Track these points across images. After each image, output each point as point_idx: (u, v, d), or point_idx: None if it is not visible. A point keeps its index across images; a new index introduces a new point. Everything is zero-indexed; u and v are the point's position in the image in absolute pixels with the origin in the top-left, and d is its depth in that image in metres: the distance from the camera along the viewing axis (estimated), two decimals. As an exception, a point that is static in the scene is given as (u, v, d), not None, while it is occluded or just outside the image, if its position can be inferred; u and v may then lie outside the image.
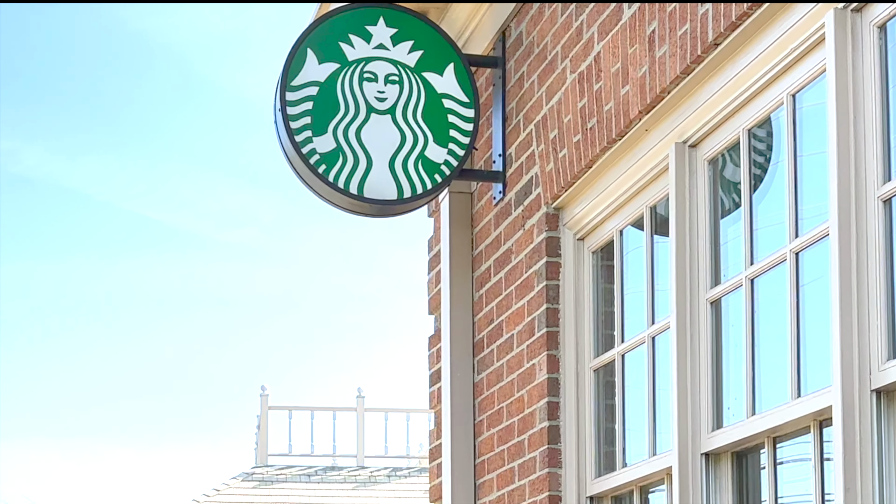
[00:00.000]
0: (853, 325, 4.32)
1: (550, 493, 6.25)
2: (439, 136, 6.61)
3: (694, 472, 5.29)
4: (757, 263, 5.04)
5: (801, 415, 4.65)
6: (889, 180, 4.30)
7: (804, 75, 4.76)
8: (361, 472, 34.84)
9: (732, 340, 5.25)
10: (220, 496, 33.50)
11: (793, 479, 4.90)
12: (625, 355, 6.05)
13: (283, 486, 34.04)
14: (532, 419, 6.42)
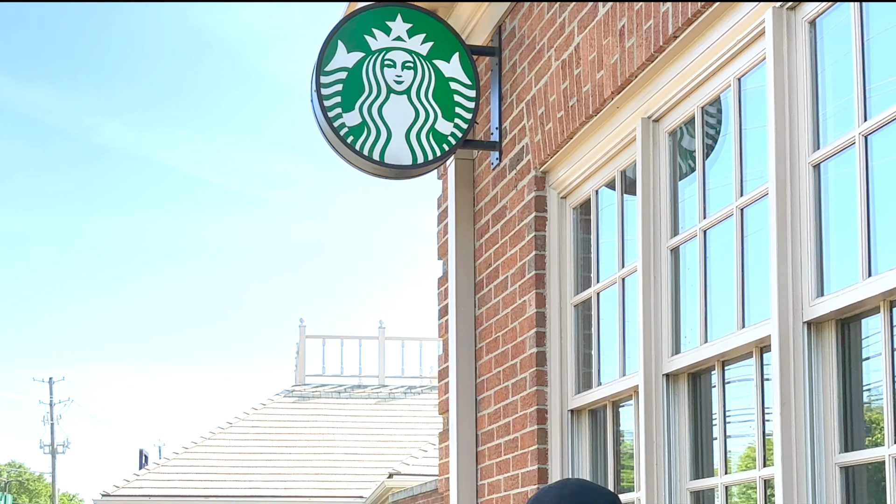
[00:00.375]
0: (788, 268, 4.36)
1: (538, 407, 6.25)
2: (446, 112, 6.60)
3: (657, 390, 5.30)
4: (709, 217, 5.08)
5: (745, 342, 4.70)
6: (818, 149, 4.35)
7: (748, 62, 4.79)
8: (382, 390, 34.87)
9: (688, 281, 5.26)
10: (266, 409, 33.58)
11: (738, 396, 4.91)
12: (600, 293, 6.06)
13: (317, 401, 34.09)
14: (523, 346, 6.43)
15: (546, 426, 6.28)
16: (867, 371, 4.16)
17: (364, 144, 6.44)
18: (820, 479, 4.23)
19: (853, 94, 4.17)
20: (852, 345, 4.22)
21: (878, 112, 4.05)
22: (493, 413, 6.86)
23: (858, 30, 4.18)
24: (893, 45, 4.00)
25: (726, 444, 5.00)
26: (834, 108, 4.33)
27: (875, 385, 4.08)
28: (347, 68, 6.50)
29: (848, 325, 4.23)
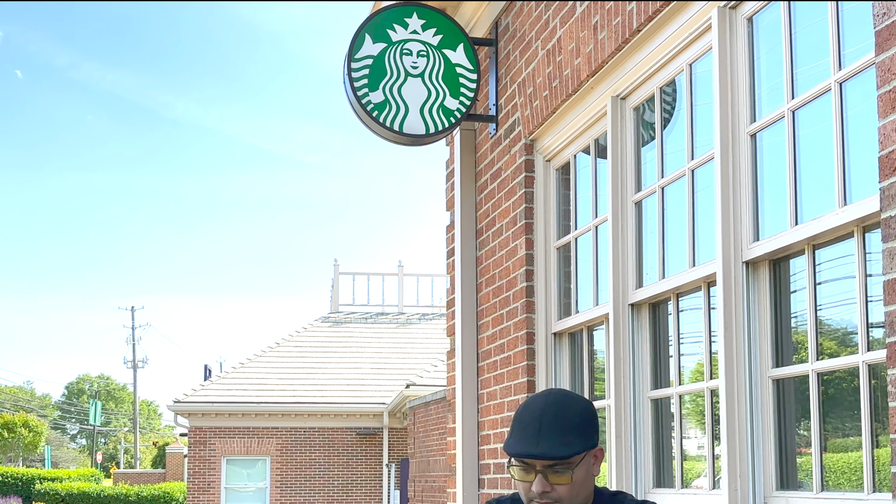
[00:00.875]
0: (730, 218, 4.37)
1: (528, 331, 6.25)
2: (453, 91, 6.58)
3: (623, 317, 5.31)
4: (666, 177, 5.08)
5: (695, 278, 4.71)
6: (754, 121, 4.35)
7: (697, 51, 4.78)
8: (401, 316, 34.99)
9: (649, 228, 5.25)
10: (307, 332, 33.70)
11: (690, 323, 4.93)
12: (577, 238, 6.05)
13: (348, 325, 34.22)
14: (515, 281, 6.43)
15: (534, 346, 6.28)
16: (794, 302, 4.16)
17: (386, 118, 6.45)
18: (755, 389, 4.25)
19: (783, 77, 4.17)
20: (782, 280, 4.23)
21: (802, 91, 4.06)
22: (490, 335, 6.86)
23: (787, 25, 4.18)
24: (815, 37, 4.00)
25: (680, 361, 5.01)
26: (767, 88, 4.32)
27: (800, 313, 4.09)
28: (373, 56, 6.50)
29: (779, 264, 4.24)
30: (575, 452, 3.11)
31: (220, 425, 29.78)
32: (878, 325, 3.61)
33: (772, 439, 4.18)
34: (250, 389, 30.22)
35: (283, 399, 29.77)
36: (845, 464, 3.79)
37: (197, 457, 29.82)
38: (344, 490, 30.18)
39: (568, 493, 3.13)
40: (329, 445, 30.17)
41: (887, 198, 3.28)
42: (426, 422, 23.89)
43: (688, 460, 4.95)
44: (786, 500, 4.05)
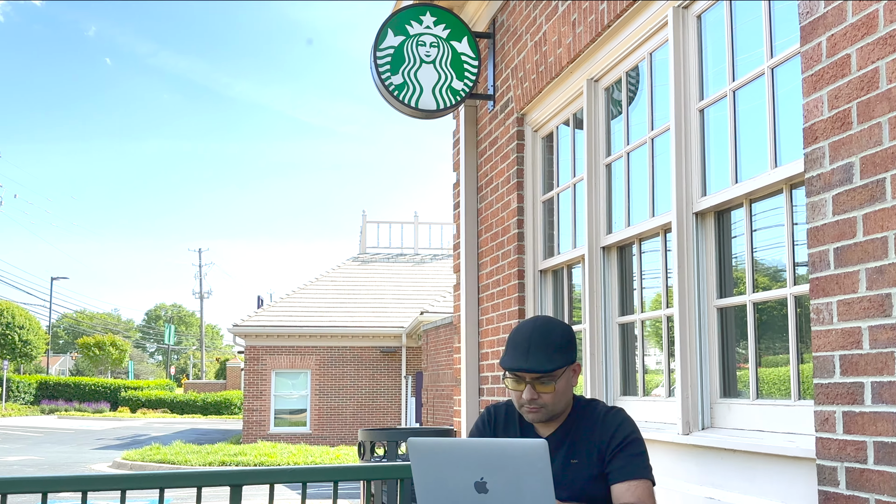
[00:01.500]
0: (682, 177, 4.37)
1: (518, 269, 6.26)
2: (459, 75, 6.56)
3: (596, 257, 5.31)
4: (631, 144, 5.07)
5: (655, 226, 4.72)
6: (703, 99, 4.36)
7: (657, 42, 4.77)
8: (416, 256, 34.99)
9: (617, 186, 5.24)
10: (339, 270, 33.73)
11: (650, 262, 4.92)
12: (559, 194, 6.05)
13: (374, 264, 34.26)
14: (509, 228, 6.43)
15: (524, 281, 6.28)
16: (734, 245, 4.18)
17: (405, 97, 6.44)
18: (703, 316, 4.27)
19: (725, 63, 4.17)
20: (725, 228, 4.24)
21: (742, 75, 4.07)
22: (488, 272, 6.87)
23: (729, 21, 4.17)
24: (752, 31, 3.99)
25: (642, 293, 5.02)
26: (713, 72, 4.32)
27: (740, 254, 4.10)
28: (394, 47, 6.49)
29: (722, 214, 4.25)
30: (557, 367, 3.15)
31: (270, 345, 29.95)
32: (802, 264, 3.64)
33: (716, 357, 4.21)
34: (294, 315, 30.36)
35: (321, 323, 29.91)
36: (776, 376, 3.82)
37: (251, 370, 30.02)
38: (370, 397, 30.40)
39: (552, 401, 3.19)
40: (358, 361, 30.34)
41: (810, 161, 3.30)
42: (437, 342, 24.01)
43: (648, 374, 4.99)
44: (728, 406, 4.09)
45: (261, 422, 29.76)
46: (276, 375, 30.15)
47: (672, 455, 4.31)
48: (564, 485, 3.14)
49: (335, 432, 30.01)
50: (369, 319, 30.39)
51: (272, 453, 22.89)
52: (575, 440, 3.23)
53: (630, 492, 3.09)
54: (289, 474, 4.58)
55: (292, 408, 30.33)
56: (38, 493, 4.15)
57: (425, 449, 2.82)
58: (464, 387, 7.00)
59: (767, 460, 3.62)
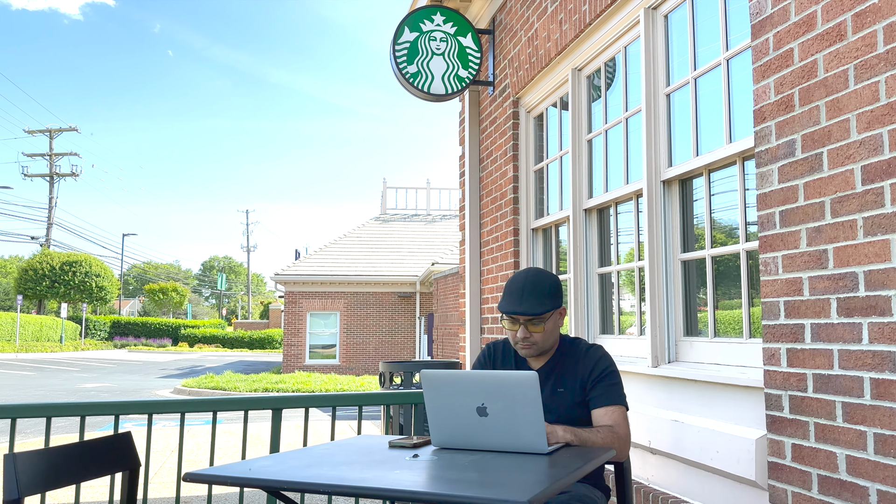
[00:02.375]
0: (652, 150, 4.35)
1: (514, 227, 6.24)
2: (465, 65, 6.51)
3: (579, 218, 5.30)
4: (609, 123, 5.04)
5: (628, 192, 4.70)
6: (668, 85, 4.33)
7: (630, 38, 4.73)
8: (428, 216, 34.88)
9: (597, 158, 5.20)
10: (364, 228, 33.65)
11: (625, 222, 4.91)
12: (548, 165, 6.02)
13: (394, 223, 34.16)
14: (506, 193, 6.40)
15: (518, 238, 6.27)
16: (695, 207, 4.16)
17: (419, 83, 6.41)
18: (669, 267, 4.27)
19: (688, 55, 4.14)
20: (687, 193, 4.22)
21: (702, 65, 4.04)
22: (489, 230, 6.84)
23: (692, 19, 4.14)
24: (710, 28, 3.96)
25: (618, 248, 5.01)
26: (677, 62, 4.28)
27: (700, 215, 4.09)
28: (409, 41, 6.44)
29: (685, 182, 4.23)
30: (546, 311, 3.18)
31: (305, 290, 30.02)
32: (753, 223, 3.63)
33: (680, 302, 4.22)
34: (326, 266, 30.39)
35: (348, 272, 29.95)
36: (731, 318, 3.83)
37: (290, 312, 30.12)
38: (389, 335, 30.50)
39: (541, 339, 3.22)
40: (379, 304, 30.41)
41: (759, 138, 3.29)
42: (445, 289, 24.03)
43: (623, 315, 4.99)
44: (690, 343, 4.11)
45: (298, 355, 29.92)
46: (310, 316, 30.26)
47: (643, 384, 4.33)
48: (552, 409, 3.17)
49: (360, 364, 30.17)
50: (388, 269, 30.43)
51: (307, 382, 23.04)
52: (561, 372, 3.25)
53: (607, 416, 3.12)
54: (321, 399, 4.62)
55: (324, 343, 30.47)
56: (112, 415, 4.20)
57: (436, 379, 2.85)
58: (468, 326, 7.02)
59: (723, 389, 3.64)
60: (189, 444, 11.25)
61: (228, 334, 57.59)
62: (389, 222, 34.44)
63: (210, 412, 4.49)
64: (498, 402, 2.74)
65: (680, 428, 3.88)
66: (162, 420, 14.96)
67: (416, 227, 34.19)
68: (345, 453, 2.80)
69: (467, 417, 2.78)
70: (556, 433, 2.89)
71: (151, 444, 4.32)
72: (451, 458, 2.68)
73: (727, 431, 3.53)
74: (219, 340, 56.88)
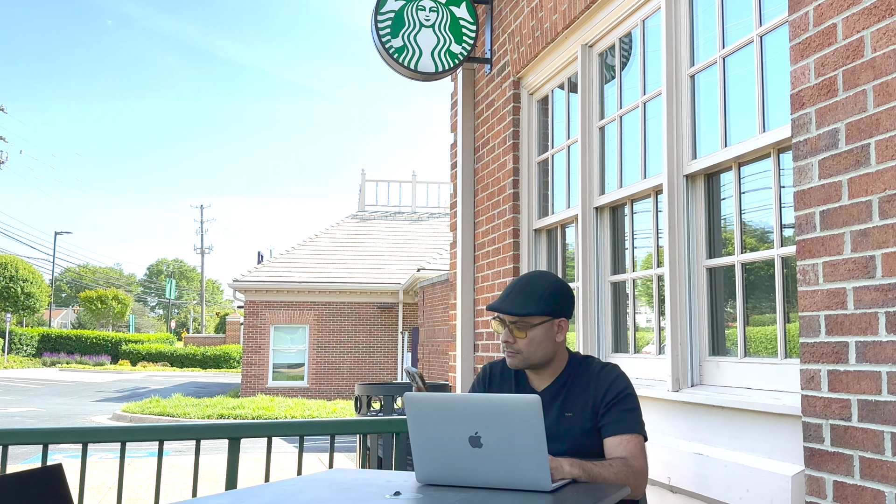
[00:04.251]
0: (673, 141, 4.39)
1: (514, 227, 6.27)
2: (457, 39, 6.52)
3: (589, 217, 5.33)
4: (624, 108, 5.08)
5: (646, 187, 4.74)
6: (693, 65, 4.37)
7: (649, 10, 4.77)
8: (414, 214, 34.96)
9: (610, 148, 5.25)
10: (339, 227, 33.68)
11: (642, 222, 4.94)
12: (554, 155, 6.05)
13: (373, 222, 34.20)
14: (505, 187, 6.44)
15: (518, 239, 6.31)
16: (723, 207, 4.20)
17: (405, 59, 6.42)
18: (693, 275, 4.31)
19: (716, 31, 4.17)
20: (714, 190, 4.26)
21: (731, 42, 4.07)
22: (484, 231, 6.88)
23: (723, -15, 4.18)
24: (740, 0, 4.01)
25: (634, 253, 5.05)
26: (703, 39, 4.32)
27: (728, 216, 4.12)
28: (394, 11, 6.45)
29: (712, 177, 4.27)
30: (529, 313, 3.23)
31: (269, 300, 30.02)
32: (789, 226, 3.67)
33: (705, 316, 4.25)
34: (293, 271, 30.39)
35: (320, 279, 29.95)
36: (763, 335, 3.86)
37: (251, 325, 30.11)
38: (367, 352, 30.52)
39: (525, 347, 3.27)
40: (355, 316, 30.42)
41: (797, 126, 3.33)
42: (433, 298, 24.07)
43: (639, 331, 5.03)
44: (716, 363, 4.14)
45: (259, 375, 29.90)
46: (274, 330, 30.24)
47: (662, 411, 4.36)
48: (558, 437, 3.18)
49: (332, 386, 30.15)
50: (367, 276, 30.44)
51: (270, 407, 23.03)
52: (569, 394, 3.28)
53: (622, 445, 3.14)
54: (286, 427, 4.64)
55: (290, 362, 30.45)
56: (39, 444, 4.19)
57: (421, 403, 2.87)
58: (459, 342, 7.04)
59: (754, 417, 3.67)
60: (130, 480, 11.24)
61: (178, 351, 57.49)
62: (368, 221, 34.47)
63: (155, 441, 4.50)
64: (494, 431, 2.76)
65: (704, 462, 3.91)
66: (99, 451, 14.94)
67: (399, 226, 34.23)
68: (314, 490, 2.82)
69: (458, 448, 2.80)
70: (562, 467, 2.92)
71: (86, 479, 4.31)
72: (439, 496, 2.69)
73: (759, 466, 3.56)
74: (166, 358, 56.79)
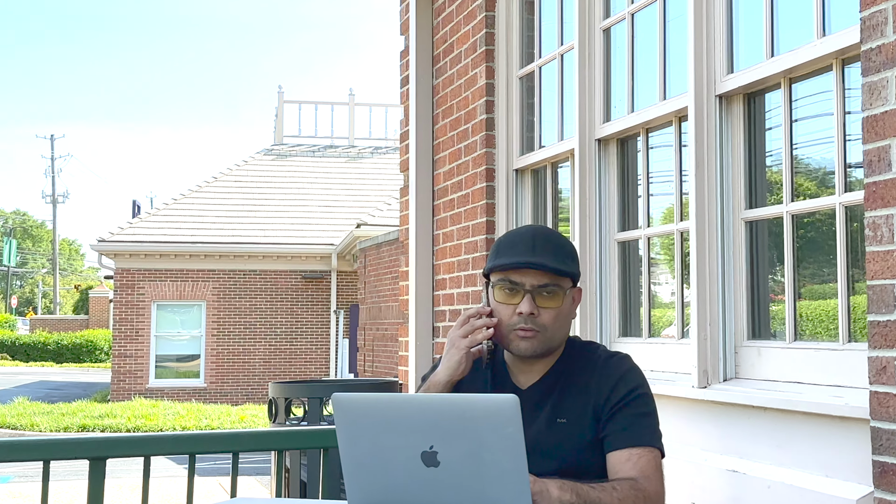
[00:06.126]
0: (703, 46, 4.45)
1: (487, 167, 6.33)
2: None
3: (590, 153, 5.37)
4: (636, 2, 5.10)
5: (666, 112, 4.80)
6: None
7: None
8: (352, 150, 34.96)
9: (618, 58, 5.29)
10: (248, 166, 33.62)
11: (660, 161, 5.00)
12: (542, 67, 6.09)
13: (294, 159, 34.16)
14: (474, 112, 6.47)
15: (494, 183, 6.37)
16: (769, 139, 4.26)
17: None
18: (728, 232, 4.37)
19: None
20: (757, 116, 4.32)
21: None
22: (447, 171, 6.93)
23: None
24: None
25: (649, 202, 5.11)
26: None
27: (776, 151, 4.19)
28: None
29: (753, 98, 4.33)
30: (570, 273, 3.26)
31: (150, 267, 29.88)
32: (856, 164, 3.72)
33: (744, 285, 4.32)
34: (184, 228, 30.26)
35: (221, 238, 29.84)
36: (821, 311, 3.93)
37: (124, 302, 29.97)
38: (288, 338, 30.51)
39: (552, 322, 3.26)
40: (271, 290, 30.38)
41: (868, 28, 3.37)
42: (378, 265, 24.08)
43: (656, 308, 5.10)
44: (757, 350, 4.21)
45: (136, 372, 29.85)
46: (157, 309, 30.16)
47: (685, 415, 4.43)
48: (547, 452, 3.17)
49: (239, 386, 30.18)
50: (288, 234, 30.38)
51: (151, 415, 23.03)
52: (564, 393, 3.29)
53: (631, 462, 3.14)
54: (170, 443, 4.65)
55: (181, 353, 30.41)
56: None
57: (356, 408, 2.88)
58: (413, 325, 7.08)
59: (807, 421, 3.73)
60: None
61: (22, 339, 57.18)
62: (289, 158, 34.38)
63: (-7, 463, 4.52)
64: (456, 444, 2.76)
65: (741, 482, 3.97)
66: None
67: (331, 165, 34.17)
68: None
69: (406, 469, 2.81)
70: (549, 492, 2.91)
71: None
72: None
73: (813, 487, 3.62)
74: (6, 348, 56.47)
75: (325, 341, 30.68)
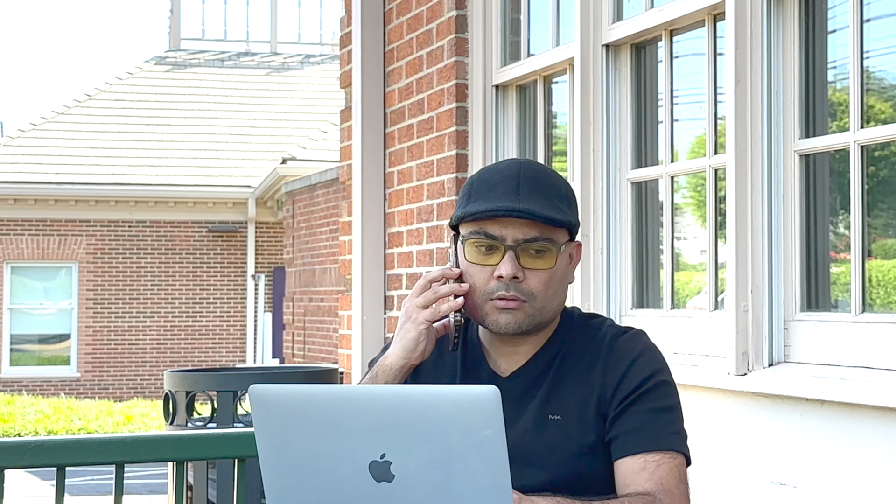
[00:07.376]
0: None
1: (458, 82, 6.33)
2: None
3: (595, 63, 5.40)
4: None
5: (694, 10, 4.81)
6: None
7: None
8: (275, 59, 34.76)
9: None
10: (133, 79, 33.36)
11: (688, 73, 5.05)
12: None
13: (196, 70, 33.94)
14: (440, 8, 6.47)
15: (466, 104, 6.39)
16: (829, 45, 4.30)
17: None
18: (776, 169, 4.42)
19: None
20: (815, 17, 4.35)
21: None
22: (404, 88, 6.96)
23: None
24: None
25: (673, 129, 5.15)
26: None
27: (840, 63, 4.23)
28: None
29: (812, -9, 4.36)
30: (567, 222, 3.20)
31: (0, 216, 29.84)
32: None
33: (797, 240, 4.38)
34: (47, 164, 30.15)
35: (98, 178, 29.72)
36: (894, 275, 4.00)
37: (-32, 264, 29.96)
38: (190, 312, 30.49)
39: (543, 288, 3.21)
40: (167, 247, 30.33)
41: None
42: (310, 214, 24.07)
43: (680, 270, 5.15)
44: (813, 325, 4.27)
45: (-14, 359, 29.84)
46: (11, 272, 30.12)
47: (719, 409, 4.49)
48: (536, 459, 3.20)
49: (124, 376, 30.21)
50: (189, 173, 30.33)
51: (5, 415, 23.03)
52: (558, 383, 3.31)
53: (647, 472, 3.15)
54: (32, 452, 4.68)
55: (45, 333, 30.40)
56: None
57: (282, 404, 2.92)
58: (358, 294, 7.10)
59: (879, 417, 3.78)
60: None
61: None
62: (189, 69, 34.21)
63: None
64: (415, 452, 2.79)
65: (791, 498, 4.04)
66: None
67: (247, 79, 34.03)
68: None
69: (351, 484, 2.85)
70: None
71: None
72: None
73: None
74: None
75: (239, 316, 30.71)
